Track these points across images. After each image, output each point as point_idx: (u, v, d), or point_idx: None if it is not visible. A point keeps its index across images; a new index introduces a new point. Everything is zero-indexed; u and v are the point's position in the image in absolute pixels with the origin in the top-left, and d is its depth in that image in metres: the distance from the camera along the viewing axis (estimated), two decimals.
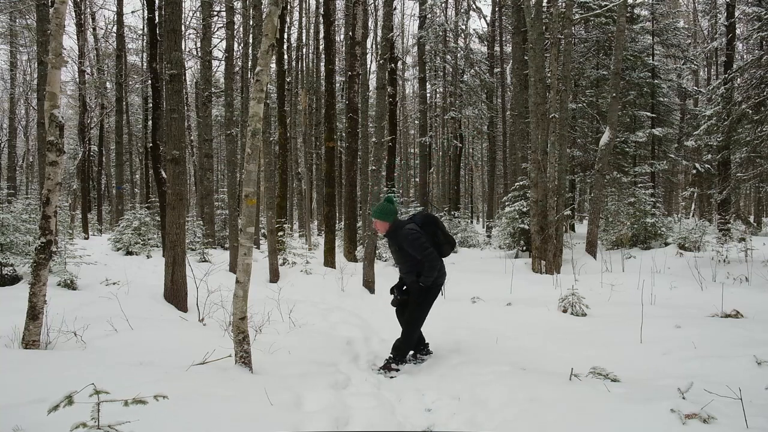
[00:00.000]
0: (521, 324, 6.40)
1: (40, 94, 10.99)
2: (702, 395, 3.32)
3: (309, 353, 5.19)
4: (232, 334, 4.40)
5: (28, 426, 2.68)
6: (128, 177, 35.29)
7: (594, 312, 6.81)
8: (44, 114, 4.71)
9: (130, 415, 2.44)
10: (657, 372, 4.32)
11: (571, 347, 5.27)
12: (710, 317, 6.14)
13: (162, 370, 3.98)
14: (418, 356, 5.06)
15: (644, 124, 20.16)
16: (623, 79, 17.87)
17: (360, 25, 14.96)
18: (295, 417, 3.33)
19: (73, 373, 3.67)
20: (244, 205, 4.35)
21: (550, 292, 8.75)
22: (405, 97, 37.44)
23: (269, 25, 4.17)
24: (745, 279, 9.37)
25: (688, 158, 21.89)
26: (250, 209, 4.32)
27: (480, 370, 4.47)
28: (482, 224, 33.29)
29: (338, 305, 8.64)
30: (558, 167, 12.42)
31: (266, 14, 4.23)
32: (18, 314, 5.05)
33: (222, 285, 7.74)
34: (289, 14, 24.51)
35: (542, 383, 3.86)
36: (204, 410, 3.18)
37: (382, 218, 4.81)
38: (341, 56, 26.86)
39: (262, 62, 4.22)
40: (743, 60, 22.56)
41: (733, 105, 13.13)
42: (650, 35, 20.58)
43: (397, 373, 4.73)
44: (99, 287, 9.12)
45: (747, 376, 3.91)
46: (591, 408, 3.31)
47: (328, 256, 13.67)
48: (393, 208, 4.83)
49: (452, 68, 25.64)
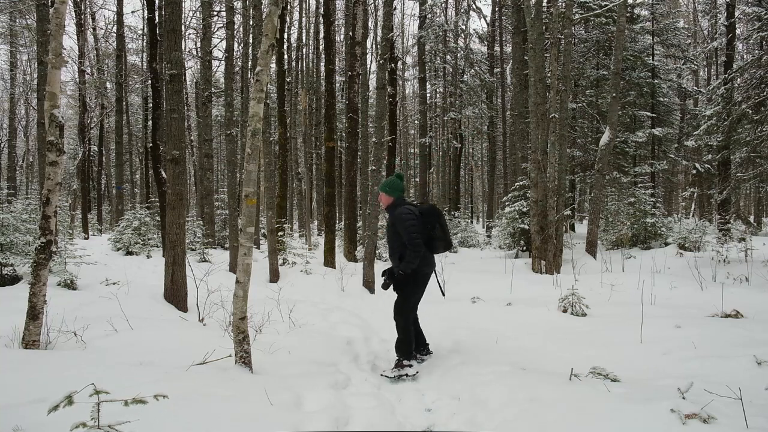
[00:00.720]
0: (521, 324, 6.40)
1: (40, 94, 11.00)
2: (702, 395, 3.32)
3: (309, 353, 5.19)
4: (232, 334, 4.40)
5: (28, 426, 2.69)
6: (128, 177, 35.30)
7: (594, 312, 6.81)
8: (44, 114, 4.71)
9: (131, 414, 2.44)
10: (657, 372, 4.33)
11: (571, 347, 5.27)
12: (710, 317, 6.14)
13: (162, 370, 3.99)
14: (418, 356, 5.03)
15: (644, 124, 20.16)
16: (623, 79, 17.87)
17: (360, 25, 14.98)
18: (295, 417, 3.34)
19: (72, 373, 3.67)
20: (244, 205, 4.36)
21: (550, 292, 8.75)
22: (405, 97, 37.45)
23: (269, 25, 4.17)
24: (745, 279, 9.37)
25: (688, 158, 21.90)
26: (250, 209, 4.32)
27: (480, 370, 4.47)
28: (482, 224, 33.31)
29: (338, 305, 8.64)
30: (558, 167, 12.43)
31: (266, 14, 4.23)
32: (18, 314, 5.06)
33: (222, 285, 7.74)
34: (289, 14, 24.52)
35: (542, 383, 3.87)
36: (204, 410, 3.18)
37: (387, 191, 4.89)
38: (341, 56, 26.87)
39: (262, 62, 4.22)
40: (743, 60, 22.57)
41: (733, 105, 13.13)
42: (650, 35, 20.58)
43: (412, 369, 4.68)
44: (99, 287, 9.12)
45: (747, 376, 3.91)
46: (591, 408, 3.31)
47: (328, 256, 13.68)
48: (400, 185, 4.91)
49: (452, 68, 25.65)
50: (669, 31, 20.85)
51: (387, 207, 4.92)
